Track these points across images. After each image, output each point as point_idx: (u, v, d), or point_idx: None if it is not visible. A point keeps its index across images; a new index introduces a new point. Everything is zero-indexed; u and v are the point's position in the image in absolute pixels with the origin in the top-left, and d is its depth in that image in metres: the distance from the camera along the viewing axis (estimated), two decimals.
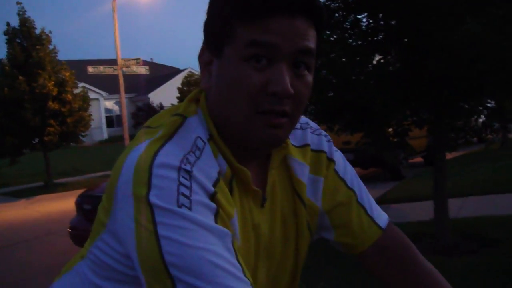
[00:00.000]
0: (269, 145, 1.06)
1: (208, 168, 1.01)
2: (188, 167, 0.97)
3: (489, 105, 6.36)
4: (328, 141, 1.29)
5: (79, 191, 8.95)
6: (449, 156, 6.96)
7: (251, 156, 1.12)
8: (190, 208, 0.92)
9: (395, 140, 6.23)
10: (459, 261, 5.45)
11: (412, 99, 5.70)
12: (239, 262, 0.94)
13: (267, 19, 0.98)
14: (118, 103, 36.28)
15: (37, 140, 19.43)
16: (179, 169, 0.96)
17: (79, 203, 7.68)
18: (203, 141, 1.04)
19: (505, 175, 10.99)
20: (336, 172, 1.27)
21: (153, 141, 1.01)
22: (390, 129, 6.30)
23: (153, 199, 0.92)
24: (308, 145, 1.25)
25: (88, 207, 7.42)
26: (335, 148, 1.30)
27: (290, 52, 1.00)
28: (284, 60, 1.00)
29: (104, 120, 43.85)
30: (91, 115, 21.37)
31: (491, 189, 9.60)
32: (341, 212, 1.26)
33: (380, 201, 9.81)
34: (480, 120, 7.09)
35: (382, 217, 1.30)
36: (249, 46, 0.98)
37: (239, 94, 1.00)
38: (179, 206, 0.92)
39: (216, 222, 0.95)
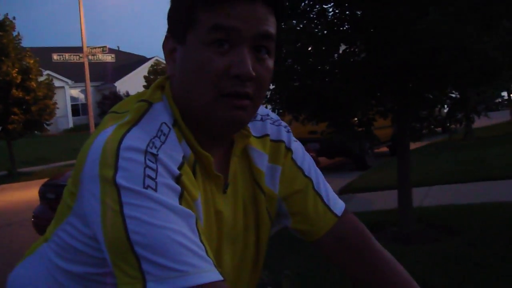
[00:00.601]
0: (232, 126, 1.09)
1: (173, 152, 1.04)
2: (154, 151, 1.00)
3: (452, 95, 6.44)
4: (288, 131, 1.33)
5: (43, 180, 8.84)
6: (413, 146, 7.04)
7: (215, 142, 1.15)
8: (155, 190, 0.95)
9: (360, 129, 6.28)
10: (421, 249, 5.52)
11: (377, 89, 5.74)
12: (202, 242, 0.97)
13: (228, 4, 1.01)
14: (84, 92, 35.88)
15: (0, 128, 19.12)
16: (145, 152, 0.99)
17: (42, 192, 7.59)
18: (168, 126, 1.07)
19: (468, 165, 11.19)
20: (294, 161, 1.31)
21: (120, 125, 1.04)
22: (355, 119, 6.34)
23: (119, 180, 0.94)
24: (267, 135, 1.28)
25: (51, 196, 7.33)
26: (294, 138, 1.34)
27: (251, 36, 1.03)
28: (246, 43, 1.04)
29: (69, 109, 43.39)
30: (56, 103, 21.13)
31: (455, 179, 9.76)
32: (297, 199, 1.29)
33: (345, 190, 9.93)
34: (444, 110, 7.18)
35: (338, 205, 1.33)
36: (211, 31, 1.02)
37: (203, 78, 1.03)
38: (145, 188, 0.95)
39: (180, 204, 0.98)
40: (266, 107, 6.46)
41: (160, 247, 0.91)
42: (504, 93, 26.87)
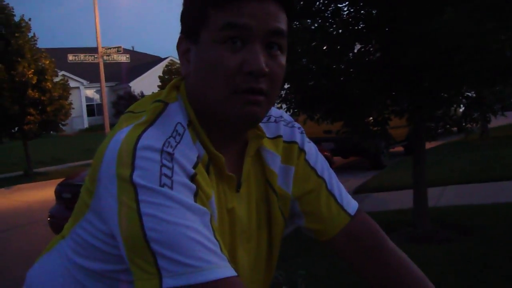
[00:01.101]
0: (248, 122, 1.10)
1: (188, 151, 1.06)
2: (170, 150, 1.02)
3: (468, 94, 6.40)
4: (301, 133, 1.34)
5: (59, 180, 8.90)
6: (429, 145, 7.00)
7: (228, 142, 1.17)
8: (171, 188, 0.97)
9: (375, 129, 6.26)
10: (436, 249, 5.50)
11: (392, 88, 5.72)
12: (216, 239, 0.99)
13: (239, 2, 1.03)
14: (99, 92, 36.08)
15: (16, 129, 19.23)
16: (161, 151, 1.01)
17: (58, 192, 7.64)
18: (183, 126, 1.09)
19: (483, 165, 11.11)
20: (307, 162, 1.32)
21: (136, 125, 1.06)
22: (371, 118, 6.32)
23: (136, 179, 0.97)
24: (280, 136, 1.30)
25: (67, 196, 7.37)
26: (307, 140, 1.35)
27: (262, 33, 1.05)
28: (258, 41, 1.05)
29: (84, 109, 43.62)
30: (71, 103, 21.20)
31: (470, 179, 9.70)
32: (311, 199, 1.30)
33: (360, 190, 9.89)
34: (460, 109, 7.14)
35: (351, 204, 1.34)
36: (224, 29, 1.04)
37: (216, 76, 1.05)
38: (161, 186, 0.97)
39: (195, 202, 1.00)
40: (281, 107, 6.47)
41: (175, 243, 0.93)
42: None
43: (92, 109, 44.63)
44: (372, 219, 1.35)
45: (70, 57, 22.09)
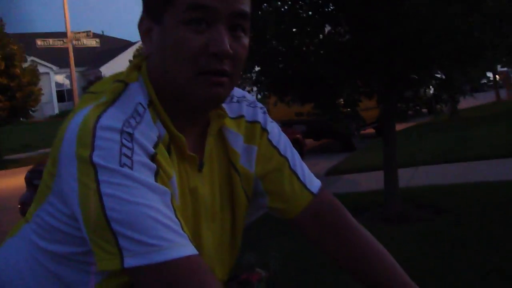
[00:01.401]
0: (211, 102, 1.11)
1: (148, 131, 1.06)
2: (129, 130, 1.02)
3: (438, 76, 6.46)
4: (264, 112, 1.35)
5: (30, 167, 8.79)
6: (399, 127, 7.06)
7: (190, 122, 1.17)
8: (131, 168, 0.98)
9: (346, 110, 6.29)
10: (407, 229, 5.57)
11: (362, 70, 5.74)
12: (178, 218, 1.00)
13: None
14: (69, 77, 35.63)
15: None
16: (121, 131, 1.01)
17: (28, 179, 7.55)
18: (143, 106, 1.09)
19: (453, 145, 11.26)
20: (270, 141, 1.33)
21: (96, 105, 1.06)
22: (341, 100, 6.35)
23: (96, 159, 0.97)
24: (243, 116, 1.30)
25: (38, 183, 7.18)
26: (270, 119, 1.36)
27: (227, 14, 1.05)
28: (222, 22, 1.05)
29: (54, 95, 43.13)
30: (41, 89, 20.97)
31: (440, 159, 9.82)
32: (274, 178, 1.31)
33: (332, 172, 9.97)
34: (430, 91, 7.20)
35: (314, 183, 1.35)
36: (189, 10, 1.03)
37: (181, 57, 1.05)
38: (121, 166, 0.97)
39: (156, 181, 1.01)
40: (252, 89, 6.46)
41: (136, 223, 0.94)
42: (490, 74, 26.99)
43: (63, 95, 44.12)
44: (336, 198, 1.36)
45: (39, 42, 21.77)
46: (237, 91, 1.34)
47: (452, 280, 4.11)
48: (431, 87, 6.77)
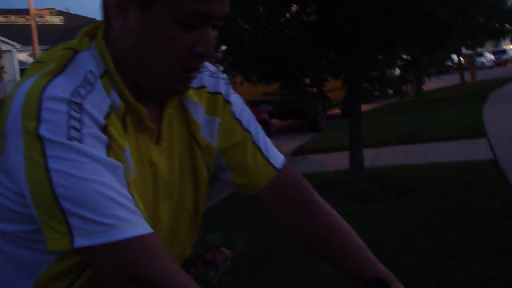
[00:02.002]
0: (178, 94, 1.11)
1: (99, 101, 1.00)
2: (78, 100, 0.95)
3: (404, 56, 6.49)
4: (226, 84, 1.29)
5: None
6: (365, 108, 7.10)
7: (148, 95, 1.11)
8: (80, 141, 0.92)
9: (312, 90, 6.29)
10: (372, 208, 5.63)
11: (328, 50, 5.74)
12: (131, 194, 0.95)
13: None
14: (33, 55, 35.01)
15: None
16: (69, 101, 0.94)
17: None
18: (94, 75, 1.02)
19: (418, 126, 11.40)
20: (233, 113, 1.27)
21: (42, 74, 0.99)
22: (307, 80, 6.35)
23: (42, 132, 0.91)
24: (204, 86, 1.24)
25: None
26: (232, 91, 1.30)
27: (218, 18, 1.02)
28: (211, 23, 1.02)
29: (18, 73, 42.19)
30: (3, 67, 20.56)
31: (405, 140, 9.92)
32: (236, 152, 1.27)
33: (298, 152, 10.00)
34: (396, 72, 7.24)
35: (278, 158, 1.31)
36: (187, 15, 0.98)
37: (166, 53, 1.01)
38: (70, 139, 0.91)
39: (108, 155, 0.95)
40: (218, 68, 6.42)
41: (86, 200, 0.89)
42: (454, 56, 27.28)
43: None
44: (299, 173, 1.34)
45: (0, 19, 21.33)
46: None
47: (414, 258, 4.16)
48: (396, 68, 6.82)
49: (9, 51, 40.04)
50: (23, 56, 43.16)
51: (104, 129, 0.97)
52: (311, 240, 1.29)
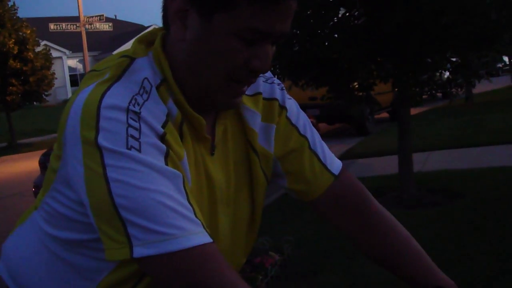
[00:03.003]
0: (229, 108, 1.10)
1: (156, 110, 0.99)
2: (136, 109, 0.95)
3: (453, 59, 6.38)
4: (281, 89, 1.28)
5: (43, 151, 8.82)
6: (414, 111, 7.00)
7: (204, 106, 1.10)
8: (139, 150, 0.92)
9: (360, 94, 6.24)
10: (422, 214, 5.54)
11: (377, 53, 5.68)
12: (190, 203, 0.94)
13: (272, 3, 0.96)
14: (82, 62, 35.68)
15: None
16: (127, 110, 0.94)
17: (42, 162, 7.57)
18: (150, 83, 1.02)
19: (468, 130, 11.18)
20: (288, 119, 1.26)
21: (99, 83, 0.99)
22: (355, 84, 6.30)
23: (101, 142, 0.91)
24: (260, 93, 1.23)
25: None
26: (288, 96, 1.29)
27: (278, 36, 1.01)
28: (269, 41, 1.01)
29: (67, 79, 43.16)
30: (54, 73, 20.99)
31: (455, 144, 9.74)
32: (293, 159, 1.26)
33: (345, 156, 9.92)
34: (445, 75, 7.12)
35: (335, 164, 1.30)
36: (248, 31, 0.97)
37: (222, 65, 1.00)
38: (129, 148, 0.91)
39: (166, 164, 0.95)
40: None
41: (146, 210, 0.88)
42: (506, 58, 26.73)
43: (76, 79, 44.12)
44: (357, 179, 1.32)
45: (52, 27, 21.81)
46: None
47: (468, 265, 4.08)
48: (446, 71, 6.71)
49: (60, 57, 40.93)
50: (73, 63, 44.04)
51: (162, 138, 0.97)
52: (370, 247, 1.27)
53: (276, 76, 6.25)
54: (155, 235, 0.88)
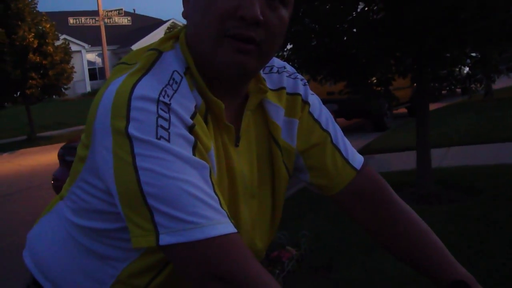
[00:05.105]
0: (236, 70, 1.05)
1: (186, 101, 1.01)
2: (166, 100, 0.97)
3: (473, 54, 6.33)
4: (304, 84, 1.29)
5: (62, 144, 8.90)
6: (432, 107, 6.96)
7: (229, 94, 1.12)
8: (168, 140, 0.93)
9: (379, 89, 6.21)
10: (440, 210, 5.51)
11: (396, 48, 5.65)
12: (216, 194, 0.95)
13: None
14: (101, 55, 35.87)
15: (18, 93, 19.19)
16: (157, 101, 0.96)
17: (61, 155, 7.64)
18: (180, 74, 1.04)
19: (487, 126, 11.08)
20: (311, 114, 1.27)
21: (130, 74, 1.01)
22: (374, 78, 6.27)
23: (132, 131, 0.93)
24: (283, 88, 1.24)
25: (70, 159, 7.36)
26: (311, 91, 1.30)
27: None
28: None
29: (86, 73, 43.40)
30: (73, 67, 21.11)
31: (474, 140, 9.66)
32: (315, 153, 1.27)
33: (363, 151, 9.88)
34: (464, 70, 7.07)
35: (357, 158, 1.31)
36: None
37: (210, 17, 1.01)
38: (158, 138, 0.93)
39: (194, 154, 0.96)
40: None
41: (173, 198, 0.90)
42: None
43: (94, 73, 44.37)
44: (378, 174, 1.33)
45: (71, 21, 21.96)
46: (277, 62, 1.29)
47: (486, 262, 4.05)
48: (465, 66, 6.65)
49: (79, 51, 41.16)
50: (92, 56, 44.27)
51: (191, 129, 0.99)
52: (390, 241, 1.28)
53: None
54: (181, 223, 0.89)
